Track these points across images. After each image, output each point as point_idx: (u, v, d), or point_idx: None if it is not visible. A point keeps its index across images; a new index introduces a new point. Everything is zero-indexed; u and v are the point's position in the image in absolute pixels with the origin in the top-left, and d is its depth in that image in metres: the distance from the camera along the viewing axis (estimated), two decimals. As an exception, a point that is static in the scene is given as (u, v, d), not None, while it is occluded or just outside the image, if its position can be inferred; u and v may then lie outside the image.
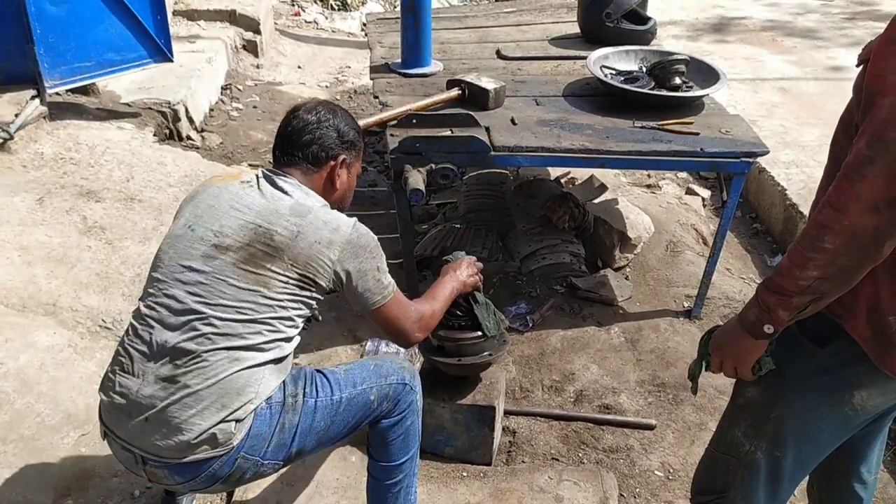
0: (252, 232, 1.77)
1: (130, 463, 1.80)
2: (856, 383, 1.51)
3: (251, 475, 1.82)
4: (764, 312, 1.41)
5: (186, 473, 1.74)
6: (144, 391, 1.71)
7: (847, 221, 1.26)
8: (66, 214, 3.46)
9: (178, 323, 1.74)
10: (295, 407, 1.80)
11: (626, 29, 3.77)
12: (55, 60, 3.97)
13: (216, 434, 1.69)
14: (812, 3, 7.79)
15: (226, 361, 1.71)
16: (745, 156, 2.93)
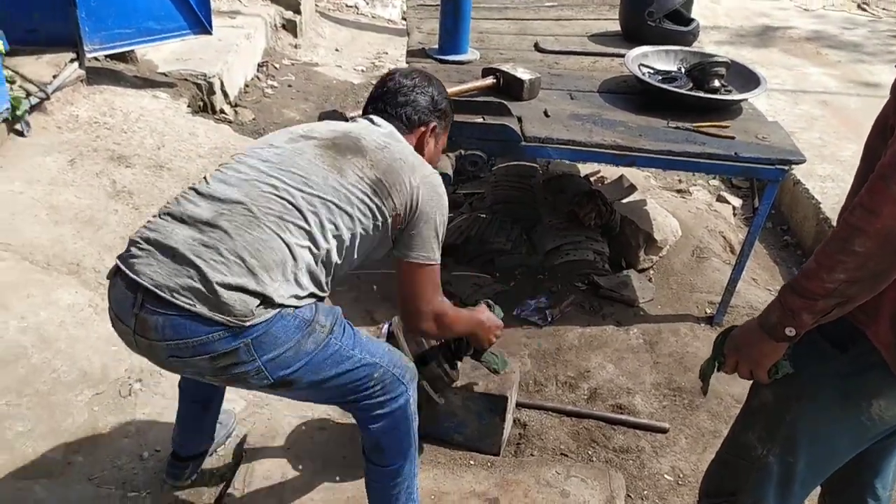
0: (342, 135, 1.81)
1: (125, 306, 1.63)
2: (874, 392, 1.48)
3: (235, 373, 1.63)
4: (787, 315, 1.38)
5: (183, 329, 1.57)
6: (180, 231, 1.62)
7: (880, 224, 1.24)
8: (95, 177, 3.49)
9: (237, 179, 1.70)
10: (317, 336, 1.68)
11: (668, 29, 3.73)
12: (96, 25, 4.01)
13: (236, 301, 1.56)
14: (860, 18, 7.67)
15: (272, 224, 1.63)
16: (781, 163, 2.89)
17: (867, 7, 8.06)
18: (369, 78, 6.00)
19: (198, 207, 1.66)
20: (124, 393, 2.66)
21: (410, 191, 1.75)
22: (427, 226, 1.78)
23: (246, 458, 2.43)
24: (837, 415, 1.53)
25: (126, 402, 2.63)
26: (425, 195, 1.77)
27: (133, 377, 2.72)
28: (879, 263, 1.27)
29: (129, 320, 1.63)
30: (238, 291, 1.57)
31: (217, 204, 1.65)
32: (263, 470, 2.39)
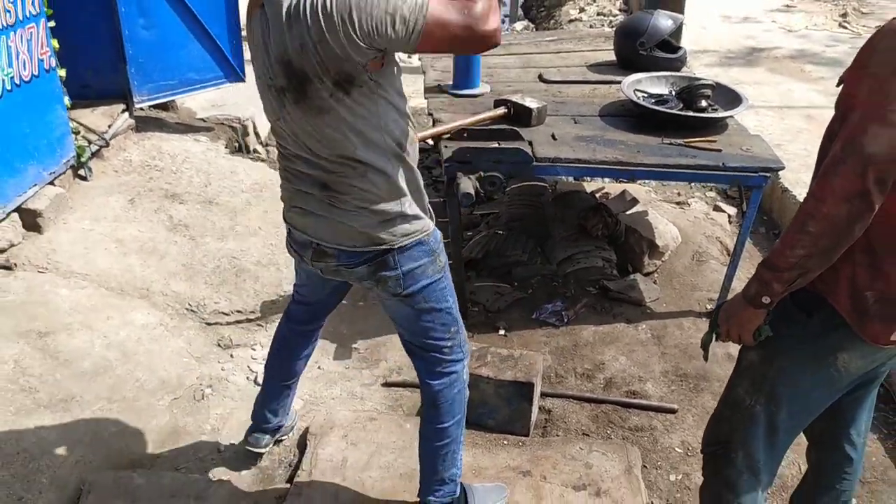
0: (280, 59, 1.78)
1: (305, 245, 2.06)
2: (838, 347, 1.75)
3: (383, 276, 2.01)
4: (762, 286, 1.67)
5: (351, 258, 2.00)
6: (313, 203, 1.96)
7: (826, 210, 1.53)
8: (154, 213, 3.90)
9: (303, 150, 1.91)
10: (436, 266, 2.07)
11: (658, 57, 4.08)
12: (144, 79, 4.46)
13: (384, 234, 1.95)
14: (841, 36, 8.06)
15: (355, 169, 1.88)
16: (763, 170, 3.24)
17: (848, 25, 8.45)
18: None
19: (304, 178, 1.94)
20: (198, 397, 3.03)
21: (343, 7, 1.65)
22: (378, 3, 1.65)
23: (309, 447, 2.77)
24: (810, 369, 1.80)
25: (200, 404, 3.00)
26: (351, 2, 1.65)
27: (204, 384, 3.09)
28: (828, 241, 1.56)
29: (307, 253, 2.08)
30: (382, 226, 1.95)
31: (315, 169, 1.90)
32: (326, 455, 2.72)
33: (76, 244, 3.56)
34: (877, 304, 1.68)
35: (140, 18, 4.36)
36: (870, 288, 1.67)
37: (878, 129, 1.47)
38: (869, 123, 1.48)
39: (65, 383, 2.89)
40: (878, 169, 1.49)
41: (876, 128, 1.48)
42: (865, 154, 1.48)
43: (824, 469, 2.18)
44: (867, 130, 1.48)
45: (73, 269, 3.42)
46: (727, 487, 1.99)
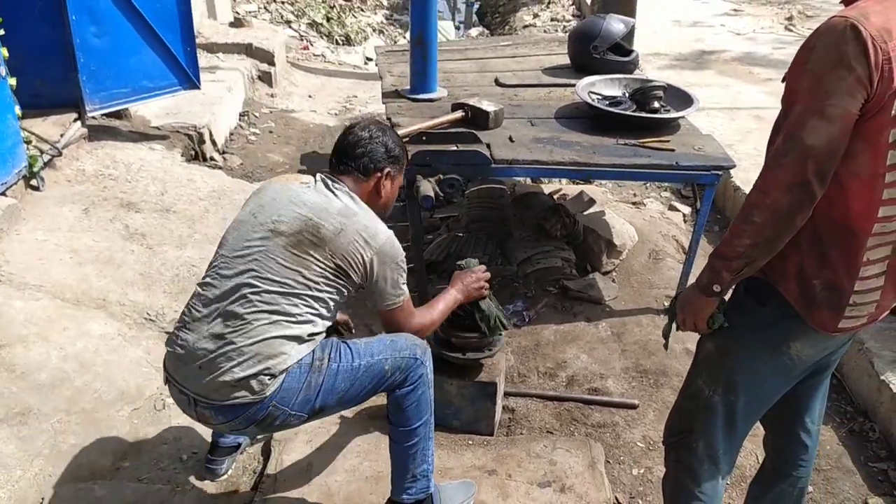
0: (303, 223, 2.10)
1: (184, 404, 2.14)
2: (790, 336, 1.80)
3: (280, 422, 2.11)
4: (713, 275, 1.72)
5: (229, 414, 2.06)
6: (200, 345, 2.05)
7: (769, 200, 1.59)
8: (109, 223, 3.84)
9: (231, 290, 2.08)
10: (321, 369, 2.10)
11: (611, 60, 4.17)
12: (95, 87, 4.38)
13: (253, 384, 2.01)
14: (787, 38, 8.30)
15: (266, 325, 2.04)
16: (715, 169, 3.33)
17: (793, 28, 8.69)
18: (342, 120, 6.42)
19: (209, 322, 2.08)
20: (159, 407, 2.99)
21: (365, 265, 2.13)
22: (386, 282, 2.18)
23: (274, 453, 2.76)
24: (764, 357, 1.84)
25: (161, 414, 2.96)
26: (379, 262, 2.14)
27: (165, 393, 3.03)
28: (771, 231, 1.61)
29: (191, 412, 2.14)
30: (253, 378, 2.02)
31: (222, 317, 2.06)
32: (291, 460, 2.71)
33: (30, 255, 3.49)
34: (823, 291, 1.72)
35: (91, 26, 4.30)
36: (817, 276, 1.72)
37: (816, 122, 1.53)
38: (808, 117, 1.54)
39: (22, 396, 2.83)
40: (817, 160, 1.54)
41: (815, 121, 1.53)
42: (805, 146, 1.53)
43: (781, 457, 2.22)
44: (806, 124, 1.54)
45: (27, 280, 3.35)
46: (689, 476, 2.03)
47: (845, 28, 1.52)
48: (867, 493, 2.81)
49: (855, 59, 1.51)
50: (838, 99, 1.52)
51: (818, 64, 1.55)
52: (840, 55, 1.52)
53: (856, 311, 1.76)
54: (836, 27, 1.53)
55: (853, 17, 1.53)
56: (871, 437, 3.08)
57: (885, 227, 1.68)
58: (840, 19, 1.54)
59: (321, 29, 9.01)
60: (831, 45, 1.53)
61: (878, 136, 1.59)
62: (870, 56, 1.50)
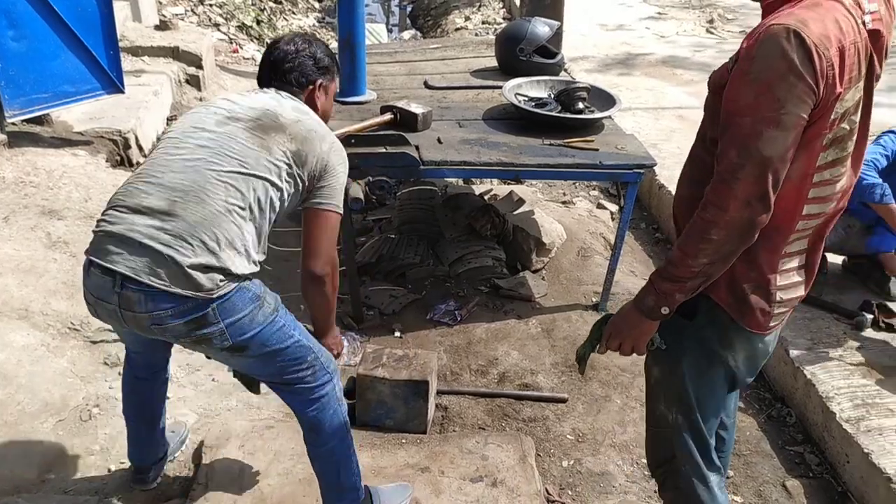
0: (261, 112, 2.06)
1: (106, 289, 1.89)
2: (725, 345, 1.80)
3: (204, 333, 1.92)
4: (661, 298, 1.67)
5: (163, 302, 1.86)
6: (142, 221, 1.88)
7: (729, 216, 1.56)
8: (31, 231, 3.74)
9: (183, 166, 1.94)
10: (265, 311, 1.99)
11: (537, 62, 4.25)
12: (14, 92, 4.25)
13: (205, 279, 1.86)
14: (708, 41, 8.58)
15: (221, 207, 1.90)
16: (637, 167, 3.43)
17: (714, 30, 9.00)
18: (273, 124, 6.37)
19: (150, 196, 1.91)
20: (84, 417, 2.92)
21: (323, 157, 2.07)
22: (336, 180, 2.10)
23: (205, 459, 2.73)
24: (708, 371, 1.84)
25: (87, 425, 2.90)
26: (334, 158, 2.11)
27: (91, 403, 2.99)
28: (730, 246, 1.60)
29: (112, 298, 1.90)
30: (206, 271, 1.87)
31: (168, 192, 1.90)
32: (222, 466, 2.69)
33: (-55, 266, 3.38)
34: (755, 293, 1.73)
35: (9, 30, 4.17)
36: (746, 279, 1.72)
37: (772, 132, 1.51)
38: (763, 128, 1.51)
39: (-61, 411, 2.75)
40: (775, 171, 1.53)
41: (771, 131, 1.51)
42: (763, 158, 1.51)
43: None
44: (762, 134, 1.51)
45: (-58, 292, 3.25)
46: (689, 499, 2.00)
47: (788, 35, 1.49)
48: (784, 476, 2.94)
49: (803, 67, 1.48)
50: (791, 106, 1.50)
51: (765, 73, 1.51)
52: (788, 63, 1.49)
53: (782, 307, 1.78)
54: (779, 35, 1.50)
55: (793, 25, 1.50)
56: (787, 422, 3.23)
57: (807, 224, 1.71)
58: (780, 27, 1.51)
59: (251, 32, 8.91)
60: (776, 54, 1.50)
61: (815, 141, 1.59)
62: (815, 63, 1.48)
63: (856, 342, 3.40)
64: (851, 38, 1.54)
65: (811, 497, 2.83)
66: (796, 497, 2.83)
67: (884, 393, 3.05)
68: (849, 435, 2.83)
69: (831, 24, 1.52)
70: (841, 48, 1.52)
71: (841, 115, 1.58)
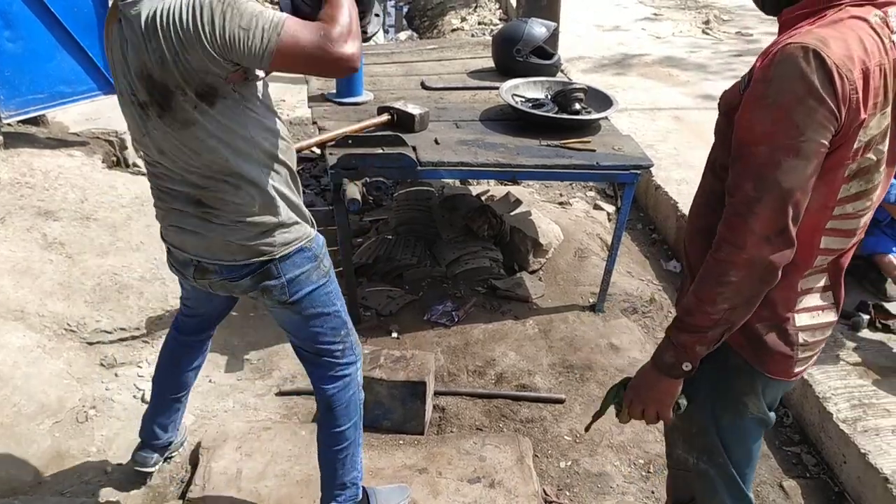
0: (138, 81, 1.78)
1: (184, 263, 2.11)
2: (743, 392, 1.66)
3: (267, 286, 2.04)
4: (681, 352, 1.52)
5: (233, 271, 2.03)
6: (188, 221, 1.99)
7: (746, 255, 1.41)
8: (27, 232, 3.73)
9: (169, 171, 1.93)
10: (320, 272, 2.11)
11: (534, 63, 4.25)
12: (10, 93, 4.26)
13: (264, 245, 1.98)
14: (704, 42, 8.58)
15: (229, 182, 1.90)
16: (634, 168, 3.44)
17: (710, 31, 9.00)
18: (270, 124, 6.36)
19: (178, 199, 1.96)
20: (81, 419, 2.92)
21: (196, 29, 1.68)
22: (234, 22, 1.68)
23: (202, 461, 2.73)
24: (730, 419, 1.70)
25: (84, 426, 2.90)
26: (206, 14, 1.68)
27: (87, 405, 2.99)
28: (752, 288, 1.45)
29: (189, 270, 2.11)
30: (263, 236, 1.98)
31: (183, 187, 1.93)
32: (219, 468, 2.70)
33: (-59, 267, 3.37)
34: (770, 334, 1.60)
35: (5, 31, 4.17)
36: (758, 318, 1.56)
37: (792, 161, 1.37)
38: (782, 157, 1.38)
39: (-66, 413, 2.74)
40: (796, 202, 1.40)
41: (790, 161, 1.37)
42: (783, 190, 1.38)
43: None
44: (780, 164, 1.38)
45: (-62, 293, 3.24)
46: None
47: (807, 55, 1.36)
48: (782, 476, 2.95)
49: (823, 90, 1.35)
50: (812, 133, 1.37)
51: (782, 97, 1.37)
52: (807, 86, 1.35)
53: (808, 350, 1.64)
54: (796, 55, 1.37)
55: (812, 44, 1.37)
56: (784, 423, 3.23)
57: (825, 259, 1.58)
58: (797, 46, 1.37)
59: (247, 32, 8.88)
60: (795, 76, 1.36)
61: (835, 171, 1.45)
62: (837, 86, 1.35)
63: (852, 343, 3.41)
64: (877, 59, 1.41)
65: (808, 497, 2.84)
66: (793, 497, 2.83)
67: (880, 393, 3.06)
68: (846, 435, 2.84)
69: (855, 44, 1.39)
70: (865, 70, 1.39)
71: (865, 143, 1.44)
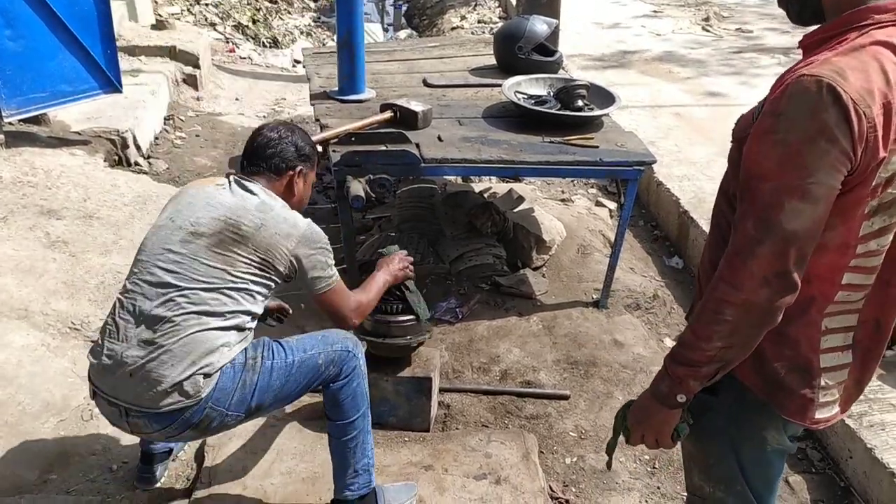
0: (223, 223, 2.12)
1: (115, 416, 2.11)
2: (760, 426, 1.59)
3: (217, 424, 2.11)
4: (675, 384, 1.48)
5: (163, 420, 2.04)
6: (129, 352, 2.03)
7: (744, 296, 1.35)
8: (29, 231, 3.73)
9: (156, 294, 2.07)
10: (255, 367, 2.12)
11: (536, 60, 4.25)
12: (12, 92, 4.25)
13: (187, 386, 2.00)
14: (704, 39, 8.59)
15: (195, 325, 2.03)
16: (637, 164, 3.44)
17: (710, 28, 9.01)
18: (271, 123, 6.36)
19: (135, 328, 2.06)
20: (86, 418, 2.91)
21: (289, 255, 2.16)
22: (313, 268, 2.20)
23: (207, 458, 2.73)
24: (749, 451, 1.62)
25: (89, 425, 2.89)
26: (303, 252, 2.18)
27: (92, 403, 2.96)
28: (749, 328, 1.38)
29: (123, 425, 2.12)
30: (187, 380, 2.01)
31: (149, 322, 2.05)
32: (225, 465, 2.69)
33: (-56, 266, 3.37)
34: (790, 375, 1.51)
35: (6, 30, 4.16)
36: (777, 358, 1.50)
37: (797, 204, 1.30)
38: (787, 198, 1.30)
39: (-60, 412, 2.73)
40: (800, 248, 1.32)
41: (795, 203, 1.30)
42: (786, 233, 1.31)
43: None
44: (784, 206, 1.30)
45: (-58, 292, 3.24)
46: None
47: (821, 91, 1.27)
48: (787, 472, 2.94)
49: (837, 129, 1.26)
50: (822, 176, 1.28)
51: (792, 134, 1.29)
52: (820, 125, 1.27)
53: (829, 395, 1.54)
54: (809, 90, 1.28)
55: (827, 76, 1.27)
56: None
57: (849, 296, 1.48)
58: (811, 80, 1.28)
59: (247, 31, 8.90)
60: (806, 113, 1.28)
61: (854, 210, 1.37)
62: (853, 124, 1.26)
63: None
64: None
65: (814, 492, 2.84)
66: (799, 493, 2.83)
67: (886, 388, 3.05)
68: (851, 430, 2.84)
69: (876, 75, 1.29)
70: (887, 104, 1.29)
71: (886, 179, 1.36)
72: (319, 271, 2.21)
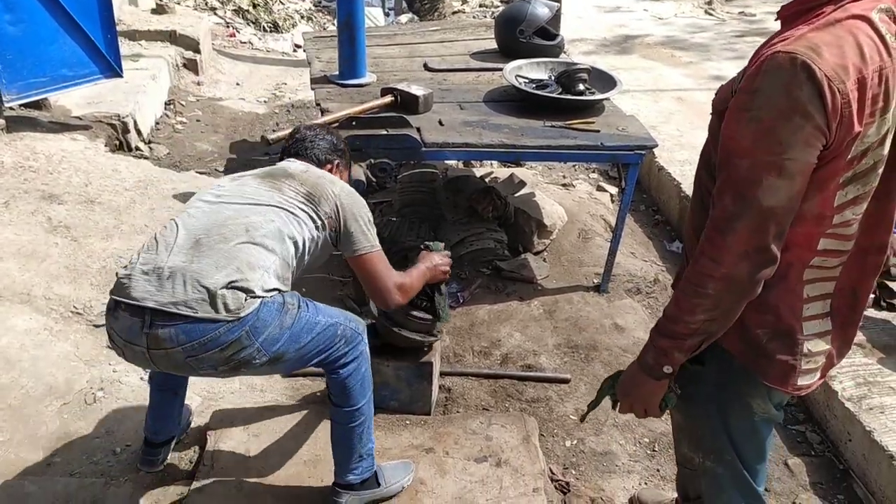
0: (272, 168, 2.33)
1: (133, 331, 1.94)
2: (746, 394, 1.63)
3: (242, 357, 1.98)
4: (661, 355, 1.52)
5: (193, 333, 1.91)
6: (173, 259, 2.00)
7: (725, 270, 1.38)
8: (31, 215, 3.73)
9: (202, 214, 2.14)
10: (291, 313, 2.07)
11: (537, 44, 4.24)
12: (12, 77, 4.24)
13: (229, 298, 1.93)
14: (706, 23, 8.55)
15: (242, 236, 2.05)
16: (638, 148, 3.44)
17: (713, 12, 8.96)
18: (272, 108, 6.35)
19: (178, 238, 2.06)
20: (89, 401, 2.93)
21: (335, 198, 2.22)
22: (357, 223, 2.24)
23: (209, 442, 2.74)
24: (736, 419, 1.67)
25: (92, 408, 2.91)
26: (347, 200, 2.24)
27: (95, 387, 2.99)
28: (730, 301, 1.43)
29: (141, 340, 1.95)
30: (229, 289, 1.95)
31: (192, 233, 2.07)
32: (227, 448, 2.70)
33: (-54, 251, 3.37)
34: (772, 342, 1.55)
35: (7, 14, 4.15)
36: (759, 325, 1.54)
37: (774, 180, 1.32)
38: (764, 175, 1.32)
39: (-56, 395, 2.75)
40: (778, 222, 1.36)
41: (772, 179, 1.32)
42: (763, 209, 1.34)
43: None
44: (761, 182, 1.33)
45: (-56, 277, 3.25)
46: None
47: (795, 68, 1.28)
48: (787, 454, 2.96)
49: (811, 105, 1.28)
50: (798, 152, 1.31)
51: (767, 111, 1.31)
52: (793, 101, 1.28)
53: (811, 361, 1.58)
54: (783, 67, 1.29)
55: (802, 53, 1.28)
56: (789, 401, 3.23)
57: (825, 261, 1.51)
58: (786, 57, 1.29)
59: (247, 16, 8.86)
60: (780, 90, 1.30)
61: (829, 182, 1.40)
62: (826, 100, 1.27)
63: (857, 321, 3.41)
64: (876, 64, 1.32)
65: (813, 475, 2.86)
66: (798, 475, 2.85)
67: (885, 371, 3.06)
68: (851, 413, 2.85)
69: (850, 50, 1.30)
70: (861, 79, 1.30)
71: (861, 152, 1.38)
72: (362, 227, 2.25)
